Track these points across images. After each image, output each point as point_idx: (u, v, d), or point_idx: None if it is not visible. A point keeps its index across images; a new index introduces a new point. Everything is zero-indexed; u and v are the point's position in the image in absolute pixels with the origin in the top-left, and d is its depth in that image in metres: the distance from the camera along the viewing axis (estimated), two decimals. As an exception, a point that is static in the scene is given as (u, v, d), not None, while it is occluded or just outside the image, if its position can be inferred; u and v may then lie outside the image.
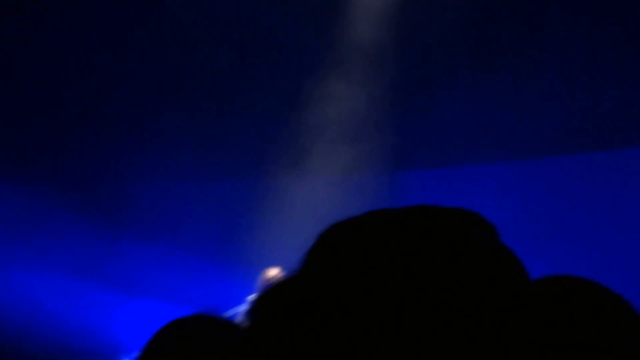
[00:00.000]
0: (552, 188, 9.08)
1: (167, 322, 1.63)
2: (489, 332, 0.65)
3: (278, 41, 9.37)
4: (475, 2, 8.74)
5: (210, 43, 9.23)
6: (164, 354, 1.56)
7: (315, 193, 9.06)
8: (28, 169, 9.67)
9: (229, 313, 6.91)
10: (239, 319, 6.31)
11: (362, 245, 0.70)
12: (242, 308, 7.58)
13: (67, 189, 9.70)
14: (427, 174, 9.58)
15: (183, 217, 9.94)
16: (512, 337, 0.66)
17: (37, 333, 9.27)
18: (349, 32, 9.36)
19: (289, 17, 9.15)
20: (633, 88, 8.43)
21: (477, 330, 0.65)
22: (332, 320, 0.65)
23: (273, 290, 0.74)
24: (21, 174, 9.45)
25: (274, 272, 7.53)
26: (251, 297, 7.14)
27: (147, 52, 9.50)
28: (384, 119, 9.08)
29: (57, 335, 9.30)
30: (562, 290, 1.24)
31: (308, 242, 0.76)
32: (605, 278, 1.32)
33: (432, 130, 8.98)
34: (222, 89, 9.50)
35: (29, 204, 9.46)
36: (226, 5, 9.05)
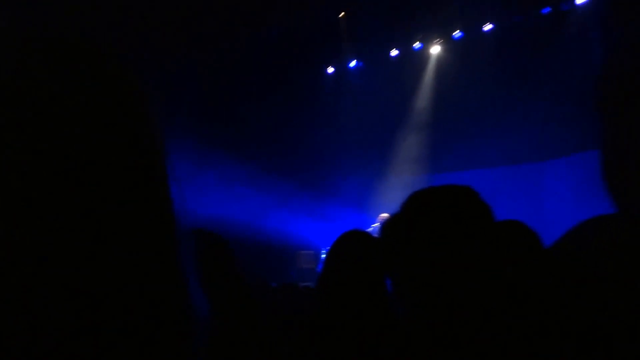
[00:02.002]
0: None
1: (344, 232, 1.93)
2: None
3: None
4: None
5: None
6: (344, 255, 1.79)
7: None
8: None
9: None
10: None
11: (424, 206, 1.10)
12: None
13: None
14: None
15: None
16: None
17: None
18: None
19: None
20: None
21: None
22: (411, 239, 1.03)
23: (387, 223, 1.27)
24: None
25: (385, 215, 9.02)
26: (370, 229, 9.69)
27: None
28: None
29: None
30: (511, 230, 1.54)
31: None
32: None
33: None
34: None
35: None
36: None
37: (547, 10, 10.09)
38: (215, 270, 1.74)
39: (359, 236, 1.86)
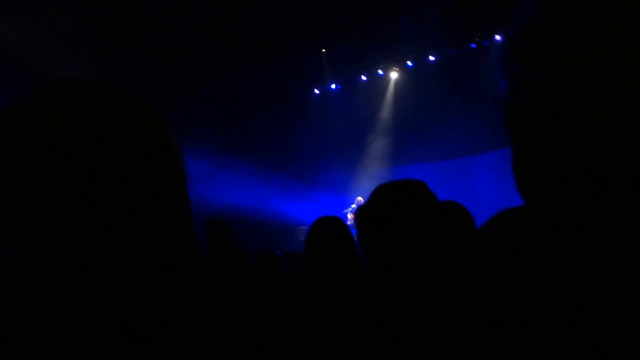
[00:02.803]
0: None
1: (319, 217, 1.85)
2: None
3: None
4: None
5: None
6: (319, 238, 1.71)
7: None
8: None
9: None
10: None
11: (387, 197, 1.10)
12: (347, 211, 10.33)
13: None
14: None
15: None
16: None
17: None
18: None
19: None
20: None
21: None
22: (378, 222, 1.04)
23: (359, 209, 1.20)
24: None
25: (360, 199, 10.11)
26: (349, 209, 10.46)
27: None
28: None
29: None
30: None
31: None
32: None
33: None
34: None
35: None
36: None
37: (473, 45, 10.32)
38: (220, 249, 1.69)
39: (330, 219, 1.84)
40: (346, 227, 1.78)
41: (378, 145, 11.70)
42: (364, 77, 11.65)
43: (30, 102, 0.49)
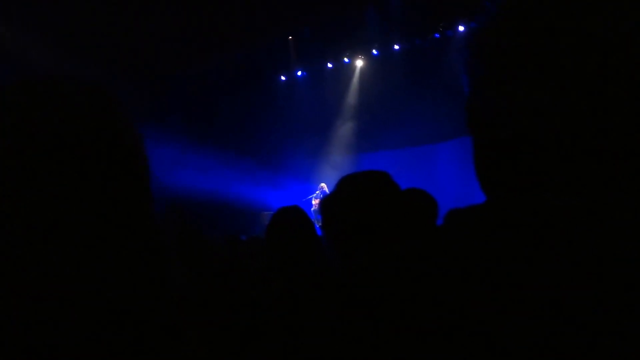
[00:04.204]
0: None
1: (280, 207, 1.83)
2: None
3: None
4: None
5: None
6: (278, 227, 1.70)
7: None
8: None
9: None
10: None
11: (350, 187, 1.10)
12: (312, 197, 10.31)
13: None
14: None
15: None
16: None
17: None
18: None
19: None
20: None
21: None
22: (339, 210, 1.06)
23: (325, 199, 1.19)
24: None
25: (323, 185, 10.19)
26: (313, 195, 10.31)
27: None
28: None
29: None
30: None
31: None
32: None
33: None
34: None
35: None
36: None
37: (437, 35, 10.41)
38: (181, 236, 1.67)
39: (292, 209, 1.84)
40: (306, 215, 1.77)
41: (343, 133, 11.72)
42: (330, 65, 11.64)
43: None
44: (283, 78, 12.28)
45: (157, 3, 7.71)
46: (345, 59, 11.44)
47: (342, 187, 1.12)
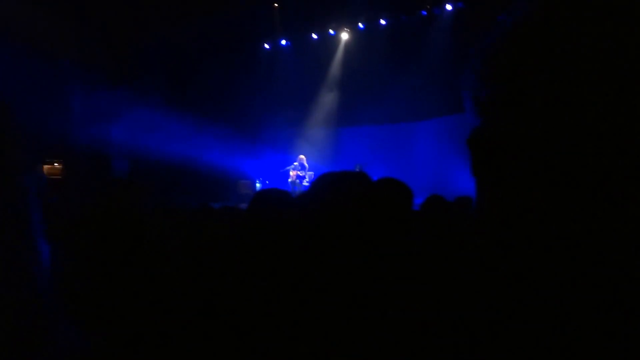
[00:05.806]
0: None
1: (260, 190, 1.71)
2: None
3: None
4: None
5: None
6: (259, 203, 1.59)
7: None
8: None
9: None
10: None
11: (329, 184, 1.06)
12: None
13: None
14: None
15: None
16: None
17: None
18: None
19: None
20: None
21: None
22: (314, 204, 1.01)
23: (304, 195, 1.21)
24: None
25: (302, 157, 9.87)
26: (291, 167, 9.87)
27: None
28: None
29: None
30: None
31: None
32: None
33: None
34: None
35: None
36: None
37: (424, 12, 10.35)
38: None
39: (272, 191, 1.75)
40: (288, 195, 1.75)
41: (323, 106, 11.61)
42: (315, 36, 11.47)
43: None
44: (267, 46, 12.09)
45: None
46: (331, 31, 11.29)
47: (318, 184, 1.10)
